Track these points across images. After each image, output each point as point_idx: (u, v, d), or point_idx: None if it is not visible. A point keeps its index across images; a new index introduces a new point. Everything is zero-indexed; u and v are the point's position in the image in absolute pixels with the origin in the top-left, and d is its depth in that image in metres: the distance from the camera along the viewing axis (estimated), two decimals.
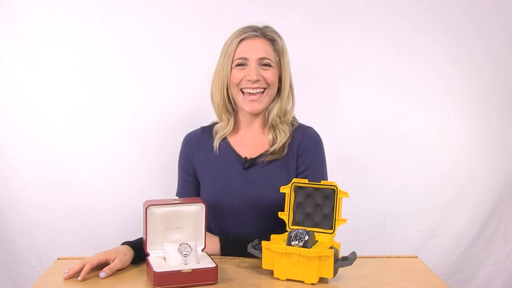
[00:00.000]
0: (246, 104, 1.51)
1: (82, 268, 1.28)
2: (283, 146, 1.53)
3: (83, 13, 1.91)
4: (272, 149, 1.52)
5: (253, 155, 1.55)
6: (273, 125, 1.55)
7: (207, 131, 1.61)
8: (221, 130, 1.57)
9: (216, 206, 1.52)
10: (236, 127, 1.59)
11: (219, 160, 1.56)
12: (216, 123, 1.62)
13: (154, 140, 1.99)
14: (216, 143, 1.56)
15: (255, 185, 1.52)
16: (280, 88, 1.55)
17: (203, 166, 1.57)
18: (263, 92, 1.51)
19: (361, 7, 2.00)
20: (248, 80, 1.48)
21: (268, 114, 1.56)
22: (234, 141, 1.58)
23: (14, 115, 1.93)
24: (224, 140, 1.58)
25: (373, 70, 2.04)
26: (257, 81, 1.48)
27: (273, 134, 1.54)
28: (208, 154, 1.57)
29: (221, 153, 1.56)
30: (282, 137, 1.53)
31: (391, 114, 2.07)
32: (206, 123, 1.66)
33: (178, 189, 1.61)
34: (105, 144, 1.97)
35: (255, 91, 1.50)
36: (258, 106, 1.51)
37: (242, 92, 1.51)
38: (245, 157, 1.54)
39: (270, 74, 1.50)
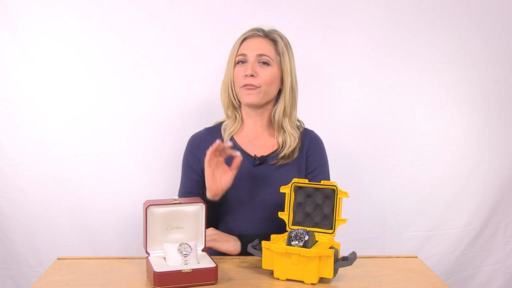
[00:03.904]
0: (244, 97, 1.54)
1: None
2: (293, 150, 1.56)
3: (83, 13, 1.91)
4: (282, 154, 1.55)
5: (262, 154, 1.57)
6: (282, 127, 1.58)
7: (212, 132, 1.63)
8: (229, 127, 1.60)
9: (223, 203, 1.52)
10: (242, 127, 1.62)
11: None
12: (220, 123, 1.64)
13: (154, 140, 1.99)
14: (226, 139, 1.58)
15: (264, 183, 1.53)
16: (281, 89, 1.58)
17: None
18: (258, 87, 1.52)
19: (361, 7, 2.00)
20: (245, 76, 1.52)
21: (273, 116, 1.58)
22: (241, 141, 1.60)
23: (14, 115, 1.93)
24: (232, 139, 1.59)
25: (373, 70, 2.04)
26: (252, 76, 1.51)
27: (283, 137, 1.57)
28: None
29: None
30: (292, 142, 1.56)
31: (391, 114, 2.07)
32: (208, 123, 1.67)
33: (182, 189, 1.61)
34: (105, 144, 1.97)
35: (250, 87, 1.52)
36: (253, 98, 1.53)
37: (242, 88, 1.54)
38: (255, 155, 1.56)
39: (267, 73, 1.52)
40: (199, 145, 1.60)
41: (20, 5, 1.88)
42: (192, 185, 1.60)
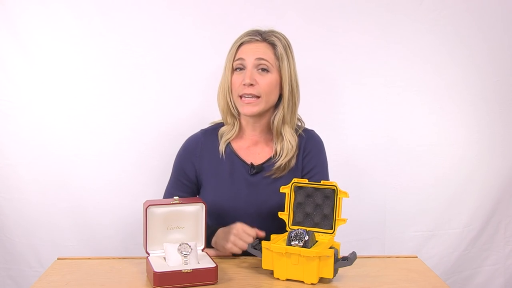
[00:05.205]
0: (242, 107, 1.49)
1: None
2: (290, 159, 1.51)
3: (83, 13, 1.91)
4: (278, 163, 1.51)
5: (259, 161, 1.53)
6: (281, 134, 1.52)
7: (209, 135, 1.58)
8: (226, 134, 1.55)
9: (220, 211, 1.51)
10: (240, 133, 1.57)
11: (224, 166, 1.53)
12: (216, 124, 1.61)
13: (154, 140, 1.99)
14: (222, 147, 1.54)
15: (261, 191, 1.51)
16: (282, 95, 1.52)
17: (207, 171, 1.55)
18: (257, 98, 1.47)
19: (361, 7, 2.00)
20: (244, 85, 1.46)
21: (272, 123, 1.53)
22: (238, 147, 1.56)
23: (14, 115, 1.93)
24: (228, 146, 1.55)
25: (373, 70, 2.04)
26: (251, 85, 1.46)
27: (281, 145, 1.52)
28: (212, 159, 1.55)
29: (225, 159, 1.54)
30: (289, 151, 1.51)
31: (391, 114, 2.07)
32: (206, 125, 1.65)
33: (170, 189, 1.58)
34: (105, 144, 1.97)
35: (249, 96, 1.47)
36: (253, 109, 1.47)
37: (241, 97, 1.49)
38: (251, 163, 1.52)
39: (266, 81, 1.47)
40: (194, 150, 1.56)
41: (20, 5, 1.88)
42: (182, 188, 1.56)
